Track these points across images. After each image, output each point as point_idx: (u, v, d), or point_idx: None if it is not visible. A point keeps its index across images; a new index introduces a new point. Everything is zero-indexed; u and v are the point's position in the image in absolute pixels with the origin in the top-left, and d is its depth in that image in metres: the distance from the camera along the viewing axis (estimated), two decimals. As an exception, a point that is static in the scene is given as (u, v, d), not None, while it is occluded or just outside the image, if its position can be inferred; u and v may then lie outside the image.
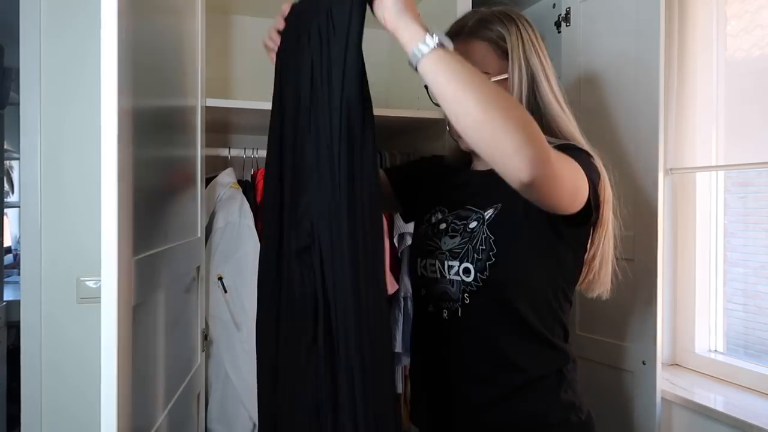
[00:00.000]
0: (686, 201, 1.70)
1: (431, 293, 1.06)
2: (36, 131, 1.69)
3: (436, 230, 1.09)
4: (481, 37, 1.04)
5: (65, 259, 1.70)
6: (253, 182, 1.73)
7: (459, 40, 1.02)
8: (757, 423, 1.28)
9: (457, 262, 1.01)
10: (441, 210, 1.12)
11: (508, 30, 1.03)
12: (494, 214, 1.01)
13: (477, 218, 1.03)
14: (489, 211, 1.02)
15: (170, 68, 1.14)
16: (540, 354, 1.01)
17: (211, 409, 1.51)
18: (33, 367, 1.67)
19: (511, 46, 1.02)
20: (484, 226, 1.01)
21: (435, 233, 1.09)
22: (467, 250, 1.01)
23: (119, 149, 0.79)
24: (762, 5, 1.51)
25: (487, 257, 0.98)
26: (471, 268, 0.99)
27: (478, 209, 1.04)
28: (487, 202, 1.03)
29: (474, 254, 1.00)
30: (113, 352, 0.78)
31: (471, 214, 1.05)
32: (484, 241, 0.99)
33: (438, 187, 1.18)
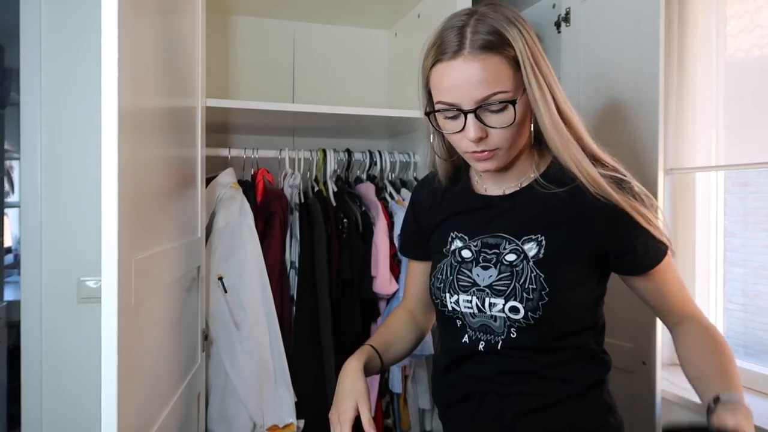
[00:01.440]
0: (686, 201, 1.69)
1: (469, 325, 0.99)
2: (36, 131, 1.69)
3: (460, 259, 1.01)
4: (493, 51, 0.86)
5: (65, 259, 1.70)
6: (253, 182, 1.73)
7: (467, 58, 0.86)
8: (757, 423, 1.28)
9: (502, 299, 0.94)
10: (460, 237, 1.03)
11: (518, 35, 0.88)
12: (539, 250, 0.94)
13: (515, 250, 0.96)
14: (530, 245, 0.95)
15: (170, 68, 1.14)
16: (587, 367, 0.99)
17: (211, 409, 1.51)
18: (33, 367, 1.67)
19: (521, 55, 0.87)
20: (530, 264, 0.94)
21: (461, 263, 1.00)
22: (514, 288, 0.94)
23: (119, 149, 0.79)
24: (762, 5, 1.51)
25: (539, 297, 0.92)
26: (520, 307, 0.93)
27: (512, 237, 0.97)
28: (523, 231, 0.96)
29: (523, 293, 0.93)
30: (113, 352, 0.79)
31: (502, 242, 0.97)
32: (533, 279, 0.93)
33: (443, 212, 1.08)
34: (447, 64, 0.88)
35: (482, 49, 0.86)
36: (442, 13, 1.73)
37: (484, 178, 1.04)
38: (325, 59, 2.19)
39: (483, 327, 0.97)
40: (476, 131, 0.89)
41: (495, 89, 0.87)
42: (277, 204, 1.66)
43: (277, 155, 1.80)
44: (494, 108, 0.88)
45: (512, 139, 0.92)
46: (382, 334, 1.14)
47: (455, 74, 0.87)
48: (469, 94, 0.87)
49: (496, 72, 0.87)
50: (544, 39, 1.98)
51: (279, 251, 1.64)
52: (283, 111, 1.62)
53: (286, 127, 1.97)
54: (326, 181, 1.82)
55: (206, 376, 1.51)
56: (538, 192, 0.97)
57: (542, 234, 0.94)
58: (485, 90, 0.86)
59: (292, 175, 1.78)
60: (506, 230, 0.98)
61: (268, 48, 2.13)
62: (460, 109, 0.89)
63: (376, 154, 1.91)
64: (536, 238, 0.95)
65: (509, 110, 0.88)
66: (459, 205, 1.06)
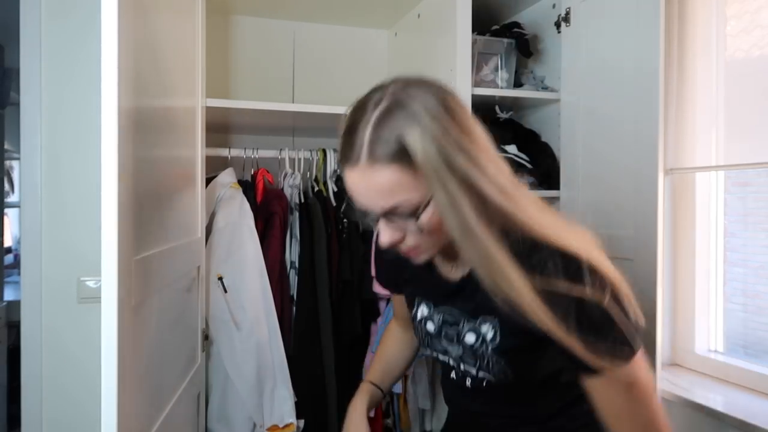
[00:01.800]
0: (686, 201, 1.69)
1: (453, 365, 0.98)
2: (36, 131, 1.69)
3: (426, 331, 0.99)
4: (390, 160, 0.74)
5: (65, 259, 1.70)
6: (253, 182, 1.73)
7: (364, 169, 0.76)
8: (757, 423, 1.28)
9: (473, 369, 0.93)
10: (426, 303, 1.00)
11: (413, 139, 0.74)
12: (495, 334, 0.89)
13: (473, 330, 0.91)
14: (486, 327, 0.89)
15: (170, 68, 1.14)
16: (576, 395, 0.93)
17: (211, 409, 1.51)
18: (33, 367, 1.67)
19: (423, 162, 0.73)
20: (489, 350, 0.90)
21: (428, 334, 0.99)
22: (479, 366, 0.92)
23: (119, 149, 0.79)
24: (762, 5, 1.51)
25: (505, 375, 0.90)
26: (489, 376, 0.91)
27: (470, 316, 0.92)
28: (479, 311, 0.90)
29: (487, 370, 0.91)
30: (113, 352, 0.79)
31: (461, 319, 0.93)
32: (494, 363, 0.90)
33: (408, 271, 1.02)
34: (349, 170, 0.79)
35: (379, 159, 0.75)
36: (442, 13, 1.74)
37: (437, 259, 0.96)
38: (325, 59, 2.19)
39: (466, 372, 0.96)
40: (388, 237, 0.82)
41: (397, 200, 0.77)
42: (277, 204, 1.66)
43: (277, 155, 1.80)
44: (404, 215, 0.79)
45: (428, 237, 0.82)
46: (379, 363, 1.19)
47: (356, 183, 0.79)
48: (372, 203, 0.79)
49: (396, 183, 0.76)
50: (544, 39, 1.98)
51: (279, 251, 1.64)
52: (283, 111, 1.62)
53: (286, 127, 1.97)
54: (326, 181, 1.82)
55: (206, 376, 1.51)
56: None
57: (496, 317, 0.87)
58: (387, 201, 0.77)
59: (292, 175, 1.78)
60: (464, 306, 0.92)
61: (268, 48, 2.13)
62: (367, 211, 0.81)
63: (376, 154, 1.91)
64: (491, 320, 0.88)
65: (414, 218, 0.79)
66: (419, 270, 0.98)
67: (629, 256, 1.45)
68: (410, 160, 0.74)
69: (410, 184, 0.76)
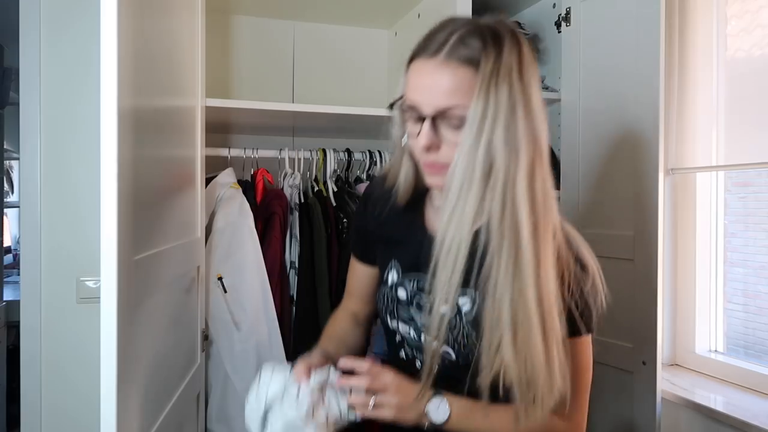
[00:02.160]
0: (686, 201, 1.69)
1: (407, 342, 0.98)
2: (36, 131, 1.69)
3: (396, 297, 0.98)
4: (469, 62, 0.80)
5: (65, 259, 1.70)
6: (253, 182, 1.73)
7: (443, 61, 0.81)
8: (757, 423, 1.28)
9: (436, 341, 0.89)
10: (396, 268, 0.99)
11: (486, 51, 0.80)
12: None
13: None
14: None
15: (170, 68, 1.14)
16: None
17: (210, 409, 1.51)
18: (33, 367, 1.67)
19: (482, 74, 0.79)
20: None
21: (397, 299, 0.98)
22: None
23: (119, 149, 0.79)
24: (762, 5, 1.51)
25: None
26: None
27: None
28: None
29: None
30: (113, 352, 0.78)
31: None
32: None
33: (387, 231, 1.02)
34: (422, 62, 0.84)
35: (458, 59, 0.80)
36: (443, 13, 1.73)
37: (436, 208, 0.96)
38: (325, 59, 2.19)
39: (419, 347, 0.96)
40: (427, 139, 0.83)
41: (457, 101, 0.80)
42: (277, 204, 1.66)
43: (277, 155, 1.80)
44: (452, 122, 0.81)
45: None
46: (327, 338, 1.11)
47: (426, 74, 0.83)
48: (432, 99, 0.82)
49: (464, 85, 0.80)
50: (544, 39, 1.98)
51: (279, 251, 1.64)
52: (283, 111, 1.62)
53: (286, 127, 1.97)
54: (326, 181, 1.82)
55: (206, 376, 1.51)
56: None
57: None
58: (447, 100, 0.81)
59: (292, 175, 1.78)
60: None
61: (268, 48, 2.13)
62: (419, 112, 0.84)
63: (376, 154, 1.91)
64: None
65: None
66: (402, 232, 0.99)
67: (629, 256, 1.45)
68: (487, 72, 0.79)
69: (471, 92, 0.79)
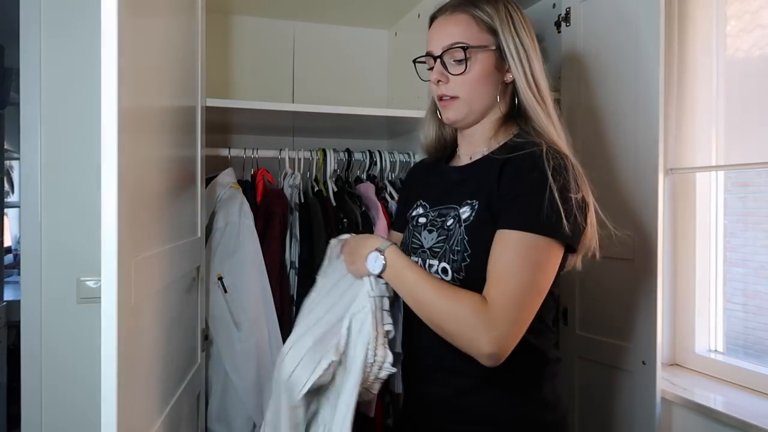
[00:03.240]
0: (686, 201, 1.70)
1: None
2: (36, 131, 1.69)
3: (416, 224, 1.13)
4: (464, 11, 1.06)
5: (65, 259, 1.70)
6: (253, 182, 1.73)
7: (447, 14, 1.08)
8: (757, 423, 1.28)
9: (437, 261, 1.03)
10: (422, 205, 1.15)
11: (495, 8, 1.06)
12: (471, 214, 1.01)
13: (454, 215, 1.04)
14: (465, 209, 1.03)
15: (170, 68, 1.14)
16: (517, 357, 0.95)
17: (211, 409, 1.51)
18: (33, 367, 1.67)
19: (499, 21, 1.05)
20: (461, 227, 1.01)
21: (416, 227, 1.12)
22: (445, 249, 1.02)
23: (119, 149, 0.79)
24: (762, 5, 1.51)
25: (462, 258, 0.99)
26: (448, 268, 1.01)
27: (455, 205, 1.05)
28: (464, 198, 1.04)
29: (450, 254, 1.01)
30: (113, 352, 0.79)
31: (450, 210, 1.06)
32: (459, 241, 1.00)
33: (420, 183, 1.22)
34: (435, 21, 1.11)
35: (459, 10, 1.07)
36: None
37: (460, 146, 1.16)
38: (325, 59, 2.19)
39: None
40: (437, 74, 1.06)
41: (457, 39, 1.04)
42: (277, 204, 1.66)
43: (277, 155, 1.80)
44: (455, 57, 1.05)
45: (469, 90, 1.06)
46: None
47: (436, 27, 1.09)
48: (439, 41, 1.06)
49: (464, 27, 1.05)
50: (544, 39, 1.98)
51: (279, 251, 1.64)
52: (283, 111, 1.62)
53: (286, 127, 1.97)
54: (326, 181, 1.82)
55: (206, 376, 1.51)
56: (486, 161, 1.06)
57: (476, 199, 1.02)
58: (450, 39, 1.05)
59: (292, 175, 1.78)
60: (455, 198, 1.07)
61: (268, 48, 2.13)
62: (432, 55, 1.07)
63: (376, 154, 1.91)
64: (471, 203, 1.03)
65: (464, 62, 1.04)
66: (433, 177, 1.18)
67: (629, 256, 1.46)
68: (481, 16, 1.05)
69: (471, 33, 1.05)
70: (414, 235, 1.11)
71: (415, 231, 1.12)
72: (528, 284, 0.92)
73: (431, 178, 1.19)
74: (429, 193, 1.15)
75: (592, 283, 1.59)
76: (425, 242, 1.07)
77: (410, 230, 1.13)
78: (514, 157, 0.99)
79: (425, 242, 1.07)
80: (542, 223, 0.92)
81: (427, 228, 1.09)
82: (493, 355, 0.90)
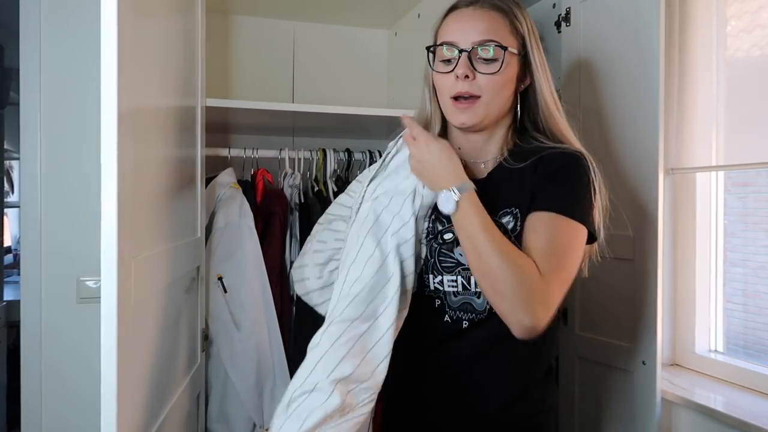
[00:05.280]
0: (686, 201, 1.69)
1: (449, 305, 1.04)
2: (36, 131, 1.69)
3: (441, 241, 1.04)
4: (499, 9, 1.03)
5: (65, 259, 1.70)
6: (253, 182, 1.74)
7: (477, 8, 1.02)
8: (757, 423, 1.28)
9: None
10: (439, 220, 1.06)
11: (523, 15, 1.05)
12: (516, 223, 1.00)
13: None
14: (507, 218, 1.00)
15: (170, 68, 1.14)
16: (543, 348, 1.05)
17: (211, 409, 1.51)
18: (33, 367, 1.67)
19: (527, 28, 1.04)
20: (511, 238, 0.98)
21: (443, 244, 1.04)
22: None
23: (119, 149, 0.79)
24: (762, 5, 1.51)
25: None
26: None
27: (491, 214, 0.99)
28: (499, 207, 1.01)
29: None
30: (113, 352, 0.79)
31: None
32: None
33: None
34: (460, 11, 1.03)
35: (492, 7, 1.02)
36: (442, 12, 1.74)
37: (462, 151, 1.09)
38: (325, 59, 2.19)
39: (464, 305, 1.03)
40: (464, 68, 0.99)
41: (491, 37, 0.99)
42: (277, 204, 1.66)
43: (277, 155, 1.80)
44: (485, 55, 0.99)
45: (494, 93, 1.00)
46: None
47: (464, 18, 1.02)
48: (469, 35, 1.00)
49: (497, 26, 1.01)
50: (544, 39, 1.98)
51: (279, 251, 1.64)
52: (283, 111, 1.62)
53: (286, 127, 1.97)
54: (326, 181, 1.82)
55: (206, 376, 1.51)
56: (506, 169, 1.04)
57: (516, 207, 1.00)
58: (483, 35, 0.99)
59: (292, 175, 1.78)
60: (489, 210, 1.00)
61: (268, 48, 2.13)
62: (457, 47, 1.00)
63: (376, 154, 1.91)
64: (512, 211, 1.01)
65: (499, 61, 0.99)
66: None
67: (629, 256, 1.45)
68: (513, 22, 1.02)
69: (505, 34, 1.01)
70: (442, 253, 1.04)
71: (442, 249, 1.04)
72: (569, 265, 0.95)
73: None
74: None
75: (592, 283, 1.59)
76: (464, 260, 1.00)
77: (433, 248, 1.05)
78: (548, 155, 1.01)
79: (464, 260, 1.00)
80: (578, 210, 0.97)
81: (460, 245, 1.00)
82: (533, 329, 0.90)
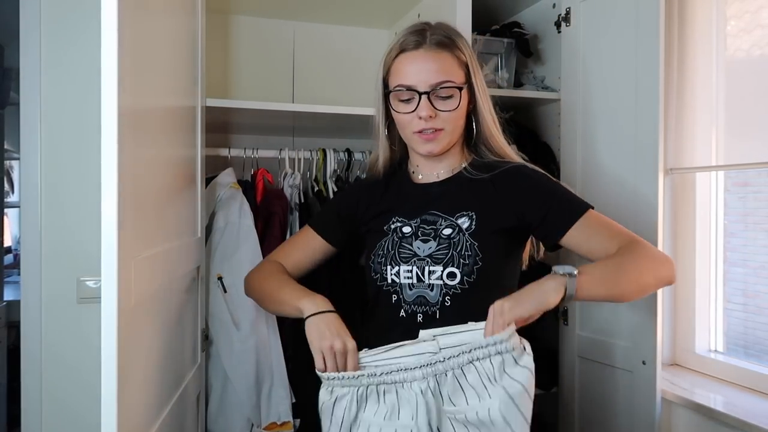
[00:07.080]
0: (686, 201, 1.69)
1: (405, 299, 1.12)
2: (36, 131, 1.69)
3: (401, 235, 1.15)
4: (447, 49, 1.12)
5: (65, 259, 1.70)
6: (253, 182, 1.73)
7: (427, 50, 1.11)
8: (757, 423, 1.28)
9: (441, 267, 1.09)
10: (399, 220, 1.18)
11: (462, 43, 1.14)
12: (471, 223, 1.11)
13: (450, 225, 1.12)
14: (463, 219, 1.12)
15: (170, 68, 1.14)
16: None
17: (210, 409, 1.51)
18: (33, 367, 1.67)
19: (469, 59, 1.14)
20: (465, 235, 1.10)
21: (402, 238, 1.15)
22: (452, 255, 1.09)
23: (119, 149, 0.79)
24: (762, 5, 1.51)
25: (474, 262, 1.08)
26: (457, 272, 1.08)
27: (447, 215, 1.13)
28: (456, 209, 1.14)
29: (460, 259, 1.08)
30: (113, 352, 0.79)
31: (438, 219, 1.14)
32: (468, 247, 1.09)
33: (385, 204, 1.23)
34: (410, 53, 1.11)
35: (439, 45, 1.11)
36: (442, 13, 1.74)
37: (420, 167, 1.22)
38: (325, 59, 2.19)
39: (418, 299, 1.10)
40: (428, 110, 1.09)
41: (446, 78, 1.10)
42: (277, 204, 1.66)
43: (277, 155, 1.80)
44: (443, 94, 1.10)
45: (454, 124, 1.12)
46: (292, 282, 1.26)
47: (416, 62, 1.10)
48: (426, 78, 1.09)
49: (447, 65, 1.11)
50: (544, 39, 1.98)
51: (279, 251, 1.64)
52: (283, 111, 1.62)
53: (286, 127, 1.97)
54: (326, 181, 1.82)
55: (206, 376, 1.51)
56: (466, 177, 1.17)
57: (473, 211, 1.12)
58: (438, 77, 1.09)
59: (292, 175, 1.78)
60: (441, 209, 1.15)
61: (268, 48, 2.13)
62: (416, 90, 1.09)
63: (376, 154, 1.91)
64: (468, 213, 1.12)
65: (455, 98, 1.11)
66: (399, 196, 1.22)
67: (629, 256, 1.45)
68: (458, 56, 1.12)
69: (456, 71, 1.12)
70: (401, 245, 1.14)
71: (402, 242, 1.14)
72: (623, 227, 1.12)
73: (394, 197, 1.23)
74: (403, 207, 1.19)
75: (592, 283, 1.59)
76: (420, 251, 1.12)
77: (394, 241, 1.15)
78: (502, 173, 1.14)
79: (420, 251, 1.12)
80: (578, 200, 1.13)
81: (419, 238, 1.13)
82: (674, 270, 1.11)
